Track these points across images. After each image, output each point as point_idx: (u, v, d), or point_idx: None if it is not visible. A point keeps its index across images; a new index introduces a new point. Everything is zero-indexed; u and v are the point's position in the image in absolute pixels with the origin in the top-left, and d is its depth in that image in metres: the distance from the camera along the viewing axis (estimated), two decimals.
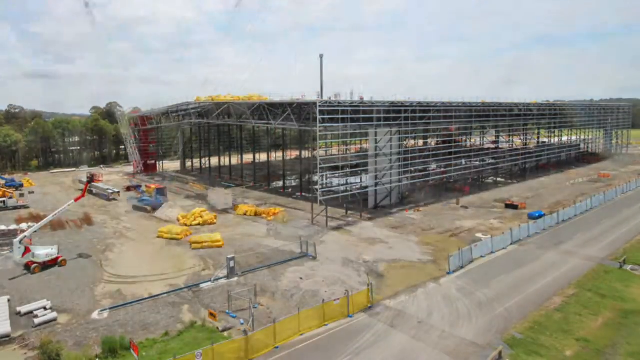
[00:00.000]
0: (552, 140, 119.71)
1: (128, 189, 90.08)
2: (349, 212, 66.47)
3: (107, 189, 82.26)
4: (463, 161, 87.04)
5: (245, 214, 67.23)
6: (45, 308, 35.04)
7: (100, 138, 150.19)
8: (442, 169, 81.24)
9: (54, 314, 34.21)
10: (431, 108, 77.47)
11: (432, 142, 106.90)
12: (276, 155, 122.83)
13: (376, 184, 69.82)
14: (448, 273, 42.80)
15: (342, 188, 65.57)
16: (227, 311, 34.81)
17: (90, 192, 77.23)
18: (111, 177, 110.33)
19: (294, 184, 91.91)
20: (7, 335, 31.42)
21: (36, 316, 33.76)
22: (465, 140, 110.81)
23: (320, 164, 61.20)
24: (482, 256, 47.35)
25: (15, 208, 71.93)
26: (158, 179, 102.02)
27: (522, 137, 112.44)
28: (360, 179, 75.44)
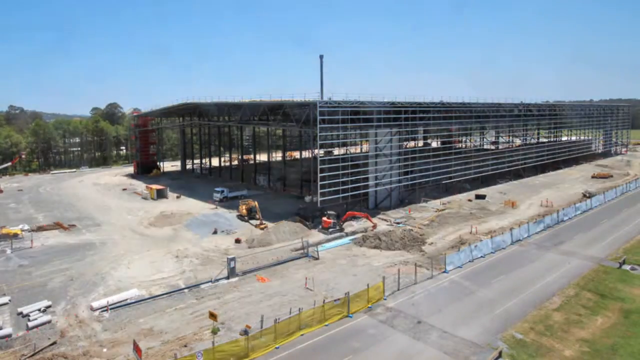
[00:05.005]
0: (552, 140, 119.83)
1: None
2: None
3: None
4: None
5: None
6: (39, 310, 35.05)
7: (100, 139, 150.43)
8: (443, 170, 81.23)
9: (48, 317, 34.12)
10: (431, 109, 77.60)
11: (432, 142, 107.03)
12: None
13: (376, 185, 69.93)
14: (444, 272, 42.99)
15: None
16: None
17: None
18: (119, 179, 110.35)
19: None
20: (9, 336, 31.53)
21: (29, 319, 33.63)
22: (465, 141, 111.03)
23: (320, 165, 61.30)
24: (482, 256, 47.47)
25: None
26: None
27: (522, 138, 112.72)
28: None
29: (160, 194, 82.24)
